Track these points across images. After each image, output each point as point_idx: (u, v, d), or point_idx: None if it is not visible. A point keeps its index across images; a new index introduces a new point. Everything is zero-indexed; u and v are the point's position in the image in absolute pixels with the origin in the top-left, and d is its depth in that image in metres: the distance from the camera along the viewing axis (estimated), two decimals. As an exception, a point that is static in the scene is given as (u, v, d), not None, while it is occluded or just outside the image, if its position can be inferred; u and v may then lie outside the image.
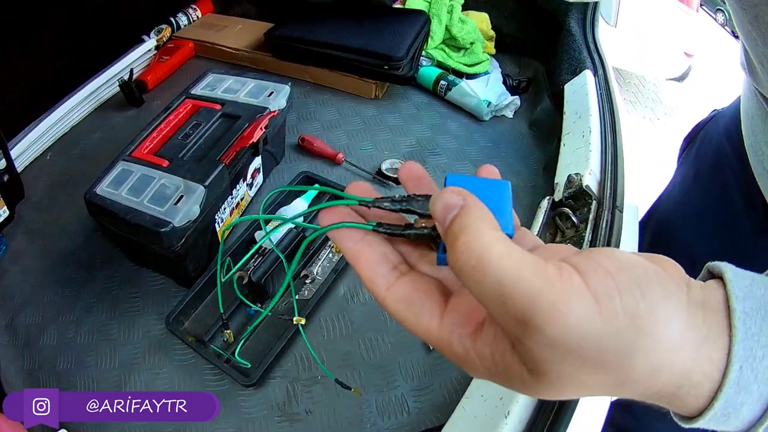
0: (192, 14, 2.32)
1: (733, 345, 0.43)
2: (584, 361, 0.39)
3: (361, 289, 1.37)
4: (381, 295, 0.48)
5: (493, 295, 0.39)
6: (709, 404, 0.44)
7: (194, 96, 1.56)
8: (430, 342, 0.46)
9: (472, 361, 0.44)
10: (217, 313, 1.32)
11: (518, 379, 0.42)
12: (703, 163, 1.45)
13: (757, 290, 0.45)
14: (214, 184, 1.28)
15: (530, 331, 0.39)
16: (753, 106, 1.12)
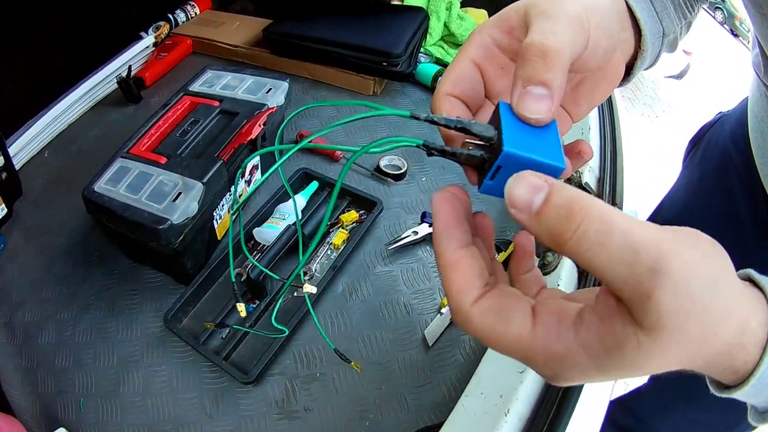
0: (190, 11, 2.31)
1: None
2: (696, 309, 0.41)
3: (359, 286, 1.37)
4: (466, 307, 0.47)
5: (622, 251, 0.40)
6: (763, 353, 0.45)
7: (192, 93, 1.56)
8: (518, 352, 0.46)
9: (574, 355, 0.44)
10: (215, 310, 1.31)
11: (633, 348, 0.41)
12: (708, 167, 1.45)
13: None
14: (213, 180, 1.28)
15: (661, 278, 0.39)
16: (762, 108, 1.12)
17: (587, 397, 0.90)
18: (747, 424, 1.53)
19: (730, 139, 1.37)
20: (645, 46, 0.73)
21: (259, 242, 1.43)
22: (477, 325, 0.46)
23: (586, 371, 0.43)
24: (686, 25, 0.87)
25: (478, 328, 0.46)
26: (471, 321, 0.46)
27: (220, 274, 1.39)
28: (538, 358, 0.45)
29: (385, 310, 1.31)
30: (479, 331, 0.46)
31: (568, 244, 0.42)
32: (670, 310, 0.40)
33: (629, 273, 0.40)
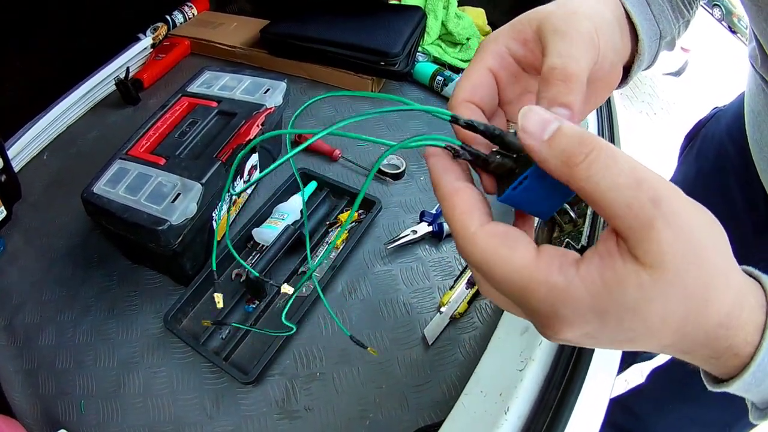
0: (188, 12, 2.31)
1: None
2: (697, 259, 0.43)
3: (359, 286, 1.37)
4: (471, 231, 0.49)
5: (627, 178, 0.43)
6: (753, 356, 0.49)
7: (190, 94, 1.55)
8: (519, 280, 0.46)
9: (575, 288, 0.44)
10: (215, 311, 1.31)
11: (634, 286, 0.43)
12: (704, 163, 1.45)
13: None
14: (211, 181, 1.28)
15: (662, 210, 0.42)
16: (759, 101, 1.12)
17: (587, 395, 0.90)
18: (745, 423, 1.55)
19: (726, 134, 1.37)
20: (642, 50, 0.74)
21: (259, 242, 1.43)
22: (481, 248, 0.48)
23: (584, 313, 0.44)
24: (684, 24, 0.88)
25: (482, 251, 0.48)
26: (475, 244, 0.48)
27: (219, 275, 1.39)
28: (538, 289, 0.45)
29: (385, 309, 1.32)
30: (482, 254, 0.48)
31: (579, 166, 0.44)
32: (670, 250, 0.42)
33: (632, 197, 0.42)
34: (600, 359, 0.96)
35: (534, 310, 0.47)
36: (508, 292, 0.48)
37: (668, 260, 0.42)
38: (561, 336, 0.47)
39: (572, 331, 0.46)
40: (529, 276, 0.46)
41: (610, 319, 0.44)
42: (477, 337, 1.25)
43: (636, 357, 2.08)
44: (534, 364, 0.94)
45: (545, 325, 0.47)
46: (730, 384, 0.52)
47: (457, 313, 1.27)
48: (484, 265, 0.48)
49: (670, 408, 1.72)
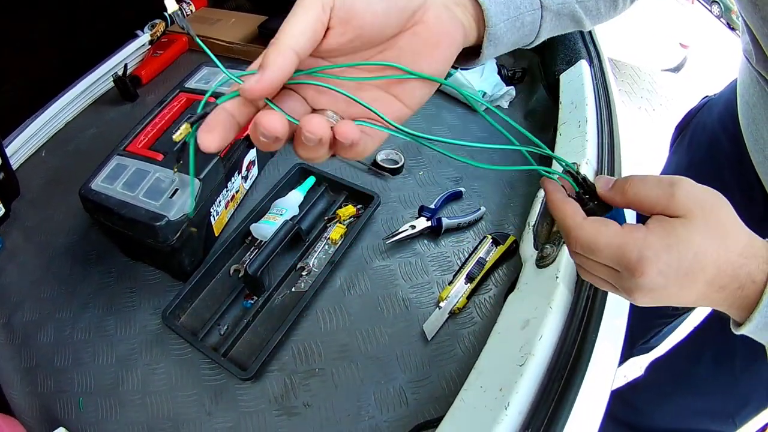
0: (186, 8, 2.31)
1: None
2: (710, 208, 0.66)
3: (358, 281, 1.37)
4: (580, 219, 0.71)
5: (654, 181, 0.69)
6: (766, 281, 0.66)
7: (188, 89, 1.55)
8: (620, 238, 0.67)
9: (651, 237, 0.65)
10: (213, 306, 1.31)
11: (680, 226, 0.65)
12: (697, 153, 1.45)
13: None
14: (209, 176, 1.28)
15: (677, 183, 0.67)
16: (754, 93, 1.12)
17: (588, 389, 0.90)
18: (748, 412, 1.55)
19: (719, 123, 1.37)
20: (489, 22, 0.78)
21: (257, 238, 1.43)
22: (589, 228, 0.69)
23: (659, 250, 0.64)
24: (610, 4, 0.90)
25: (591, 229, 0.69)
26: (584, 228, 0.70)
27: (218, 271, 1.39)
28: (631, 243, 0.65)
29: (384, 304, 1.31)
30: (591, 231, 0.69)
31: (628, 193, 0.70)
32: (690, 203, 0.65)
33: (658, 187, 0.68)
34: (600, 352, 0.95)
35: (628, 260, 0.65)
36: (610, 254, 0.67)
37: (693, 208, 0.65)
38: (647, 275, 0.64)
39: (654, 266, 0.64)
40: (623, 236, 0.66)
41: (673, 251, 0.64)
42: (476, 332, 1.25)
43: (633, 350, 2.08)
44: (534, 359, 0.94)
45: (636, 268, 0.64)
46: (752, 317, 0.67)
47: (456, 308, 1.27)
48: (593, 240, 0.68)
49: (672, 399, 1.71)
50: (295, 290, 1.35)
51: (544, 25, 0.85)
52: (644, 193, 0.68)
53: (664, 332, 1.90)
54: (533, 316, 1.03)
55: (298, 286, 1.35)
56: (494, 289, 1.32)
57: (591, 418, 0.90)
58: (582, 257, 0.73)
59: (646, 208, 0.69)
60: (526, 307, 1.08)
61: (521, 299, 1.14)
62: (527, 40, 0.88)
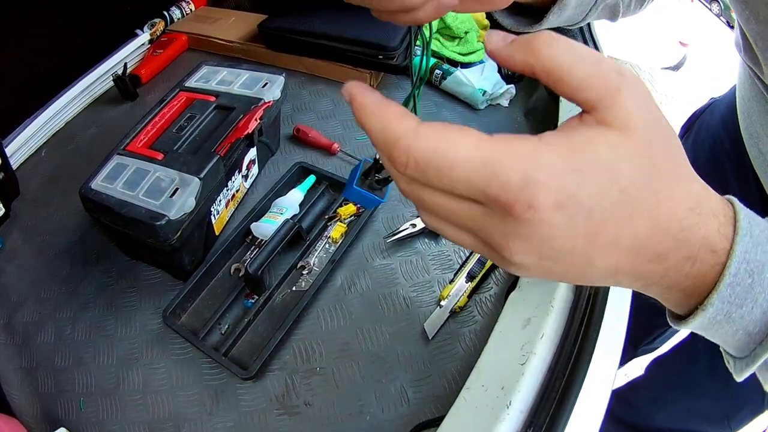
0: (185, 7, 2.30)
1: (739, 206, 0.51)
2: (661, 130, 0.45)
3: (358, 280, 1.37)
4: (414, 125, 0.45)
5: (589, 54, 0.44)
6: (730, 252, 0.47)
7: (188, 88, 1.55)
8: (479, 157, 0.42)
9: (543, 152, 0.42)
10: (214, 306, 1.31)
11: (604, 144, 0.43)
12: (699, 152, 1.46)
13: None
14: (210, 176, 1.27)
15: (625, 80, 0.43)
16: (748, 87, 1.14)
17: (590, 388, 0.90)
18: (744, 414, 1.54)
19: (721, 123, 1.37)
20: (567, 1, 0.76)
21: (257, 237, 1.43)
22: (429, 135, 0.44)
23: (559, 173, 0.42)
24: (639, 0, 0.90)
25: (432, 138, 0.44)
26: (421, 134, 0.44)
27: (218, 270, 1.39)
28: (504, 159, 0.42)
29: (384, 303, 1.31)
30: (433, 140, 0.44)
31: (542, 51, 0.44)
32: (638, 113, 0.43)
33: (597, 69, 0.43)
34: (602, 350, 0.95)
35: (503, 185, 0.41)
36: (471, 175, 0.43)
37: (637, 123, 0.43)
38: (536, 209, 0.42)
39: (549, 196, 0.41)
40: (491, 147, 0.42)
41: (586, 180, 0.42)
42: (477, 331, 1.25)
43: (637, 350, 2.08)
44: (536, 358, 0.94)
45: (516, 199, 0.41)
46: (708, 302, 0.49)
47: (457, 307, 1.27)
48: (440, 152, 0.43)
49: (669, 400, 1.72)
50: (295, 289, 1.35)
51: (593, 11, 0.85)
52: (570, 60, 0.43)
53: (668, 333, 1.90)
54: (534, 315, 1.03)
55: (298, 285, 1.35)
56: (495, 288, 1.32)
57: (592, 417, 0.89)
58: (421, 187, 0.47)
59: (566, 88, 0.44)
60: (527, 306, 1.08)
61: (522, 298, 1.14)
62: (576, 20, 0.87)
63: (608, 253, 0.45)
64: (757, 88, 1.07)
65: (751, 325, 0.50)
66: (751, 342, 0.52)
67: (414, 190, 0.48)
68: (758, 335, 0.51)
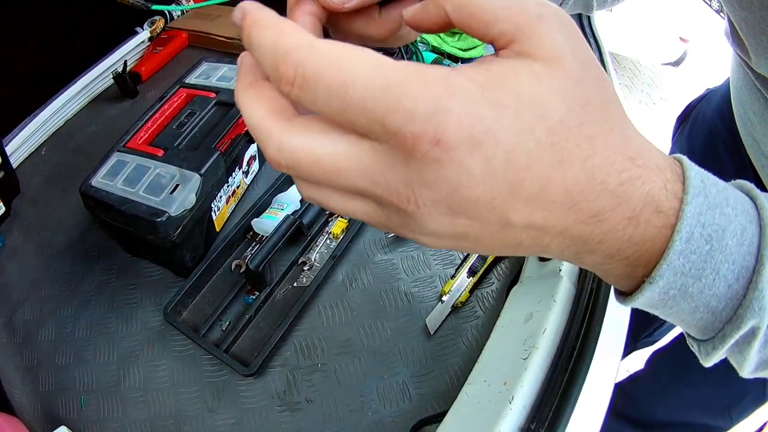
0: (185, 4, 2.30)
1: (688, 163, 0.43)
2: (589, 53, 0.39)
3: (360, 275, 1.36)
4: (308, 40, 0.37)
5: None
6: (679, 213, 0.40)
7: (188, 85, 1.55)
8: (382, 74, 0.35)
9: (457, 79, 0.35)
10: (215, 302, 1.31)
11: (528, 74, 0.36)
12: (696, 141, 1.46)
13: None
14: (210, 172, 1.27)
15: (547, 7, 0.38)
16: (740, 77, 1.14)
17: (592, 382, 0.90)
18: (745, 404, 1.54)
19: (717, 112, 1.38)
20: None
21: (258, 233, 1.42)
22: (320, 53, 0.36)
23: (477, 103, 0.35)
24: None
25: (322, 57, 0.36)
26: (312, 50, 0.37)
27: (219, 266, 1.39)
28: (411, 83, 0.35)
29: (386, 298, 1.31)
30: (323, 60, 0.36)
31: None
32: (563, 41, 0.38)
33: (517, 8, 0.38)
34: (605, 344, 0.95)
35: (406, 116, 0.34)
36: (365, 97, 0.35)
37: (564, 54, 0.37)
38: (444, 145, 0.34)
39: (461, 130, 0.34)
40: (396, 70, 0.35)
41: (507, 114, 0.35)
42: (479, 326, 1.25)
43: (636, 343, 2.08)
44: (538, 353, 0.93)
45: (424, 131, 0.34)
46: (657, 273, 0.41)
47: (458, 302, 1.26)
48: (331, 68, 0.36)
49: (670, 392, 1.72)
50: (296, 285, 1.34)
51: (563, 5, 0.84)
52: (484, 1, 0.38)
53: (666, 326, 1.90)
54: (536, 310, 1.03)
55: (299, 281, 1.34)
56: (497, 283, 1.32)
57: (595, 410, 0.89)
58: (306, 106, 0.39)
59: (479, 23, 0.39)
60: (529, 301, 1.08)
61: (524, 293, 1.13)
62: None
63: (532, 208, 0.37)
64: (748, 77, 1.07)
65: (714, 301, 0.43)
66: (717, 321, 0.44)
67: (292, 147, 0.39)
68: (724, 312, 0.43)
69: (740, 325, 0.42)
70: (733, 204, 0.42)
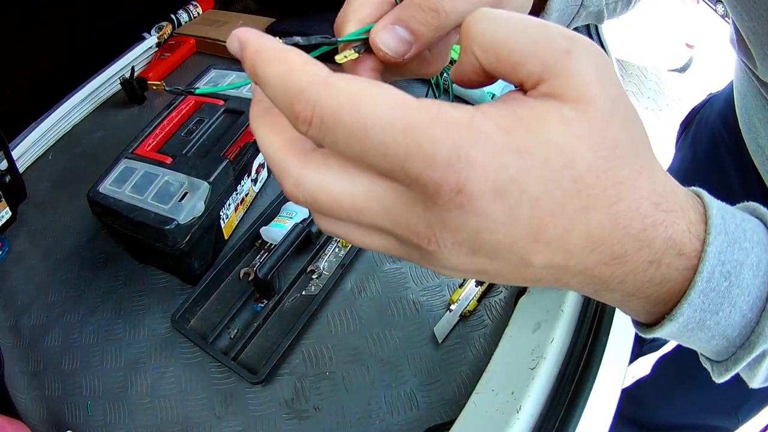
0: (193, 11, 2.31)
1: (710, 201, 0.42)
2: (620, 91, 0.38)
3: (368, 284, 1.36)
4: (324, 74, 0.35)
5: (532, 22, 0.37)
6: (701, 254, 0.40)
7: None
8: (401, 119, 0.33)
9: (481, 123, 0.34)
10: (223, 310, 1.31)
11: (557, 120, 0.35)
12: (699, 147, 1.46)
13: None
14: (219, 180, 1.28)
15: (576, 41, 0.36)
16: (744, 83, 1.14)
17: (599, 391, 0.90)
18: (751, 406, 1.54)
19: (720, 117, 1.37)
20: (549, 11, 0.73)
21: (267, 241, 1.43)
22: (342, 88, 0.35)
23: (500, 151, 0.34)
24: (624, 1, 0.88)
25: (345, 91, 0.34)
26: (332, 85, 0.35)
27: (227, 274, 1.39)
28: (432, 124, 0.33)
29: (394, 307, 1.31)
30: (341, 100, 0.34)
31: (472, 25, 0.39)
32: (593, 79, 0.36)
33: (540, 34, 0.37)
34: (611, 354, 0.95)
35: (427, 162, 0.33)
36: (386, 141, 0.33)
37: (595, 94, 0.36)
38: (467, 193, 0.33)
39: (485, 181, 0.33)
40: (418, 111, 0.34)
41: (533, 163, 0.34)
42: (487, 335, 1.25)
43: (642, 348, 2.08)
44: (546, 362, 0.93)
45: (444, 179, 0.33)
46: (678, 310, 0.41)
47: (466, 311, 1.26)
48: (350, 109, 0.34)
49: (676, 395, 1.72)
50: (305, 293, 1.34)
51: (575, 20, 0.83)
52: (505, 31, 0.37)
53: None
54: (545, 319, 1.03)
55: (308, 290, 1.34)
56: (505, 292, 1.32)
57: (602, 419, 0.89)
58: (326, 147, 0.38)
59: (506, 66, 0.38)
60: (537, 310, 1.08)
61: (532, 302, 1.13)
62: None
63: (554, 251, 0.37)
64: (753, 84, 1.07)
65: (729, 330, 0.43)
66: (730, 346, 0.45)
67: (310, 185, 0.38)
68: (738, 338, 0.44)
69: (752, 350, 0.43)
70: (750, 236, 0.42)
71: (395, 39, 0.46)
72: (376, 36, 0.47)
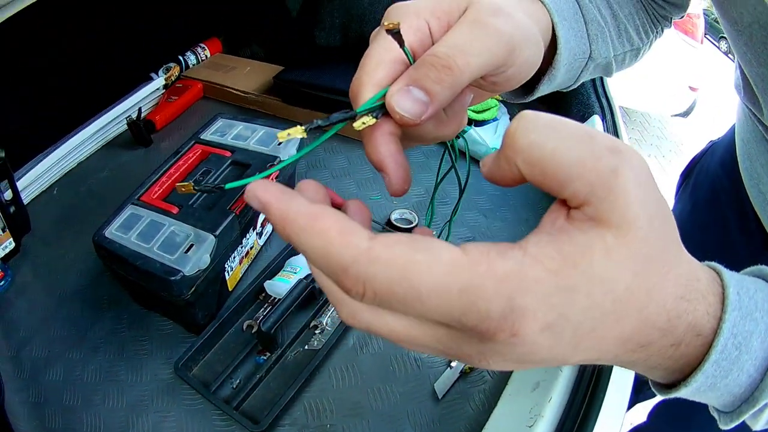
0: (200, 53, 2.34)
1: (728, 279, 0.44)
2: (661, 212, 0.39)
3: (370, 340, 1.38)
4: (364, 246, 0.36)
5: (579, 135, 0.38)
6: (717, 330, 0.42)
7: (204, 141, 1.58)
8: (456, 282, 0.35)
9: (530, 269, 0.36)
10: (226, 360, 1.33)
11: (601, 252, 0.37)
12: (699, 195, 1.46)
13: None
14: (225, 233, 1.30)
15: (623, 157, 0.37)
16: (748, 129, 1.14)
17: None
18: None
19: (720, 165, 1.38)
20: (557, 65, 0.73)
21: (270, 295, 1.45)
22: (388, 260, 0.36)
23: (550, 294, 0.36)
24: (632, 53, 0.89)
25: (392, 263, 0.36)
26: (377, 258, 0.36)
27: (231, 325, 1.41)
28: (484, 284, 0.35)
29: (396, 363, 1.32)
30: (395, 266, 0.36)
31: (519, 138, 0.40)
32: (638, 202, 0.37)
33: (586, 150, 0.37)
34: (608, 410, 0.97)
35: (483, 317, 0.35)
36: (441, 306, 0.36)
37: (637, 216, 0.37)
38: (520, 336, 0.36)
39: (534, 323, 0.36)
40: (469, 271, 0.35)
41: (579, 297, 0.36)
42: (486, 392, 1.26)
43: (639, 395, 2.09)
44: (543, 421, 0.96)
45: (498, 329, 0.36)
46: (693, 378, 0.44)
47: (467, 368, 1.28)
48: (402, 284, 0.36)
49: None
50: (308, 348, 1.36)
51: (584, 73, 0.84)
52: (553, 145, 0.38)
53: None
54: (543, 379, 1.05)
55: (311, 344, 1.36)
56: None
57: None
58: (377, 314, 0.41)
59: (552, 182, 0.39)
60: (536, 370, 1.10)
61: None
62: (567, 84, 0.83)
63: (589, 352, 0.40)
64: (757, 130, 1.07)
65: (736, 388, 0.46)
66: (736, 401, 0.48)
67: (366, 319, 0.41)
68: (744, 394, 0.46)
69: (755, 404, 0.46)
70: (761, 305, 0.44)
71: (411, 101, 0.49)
72: (392, 99, 0.49)
